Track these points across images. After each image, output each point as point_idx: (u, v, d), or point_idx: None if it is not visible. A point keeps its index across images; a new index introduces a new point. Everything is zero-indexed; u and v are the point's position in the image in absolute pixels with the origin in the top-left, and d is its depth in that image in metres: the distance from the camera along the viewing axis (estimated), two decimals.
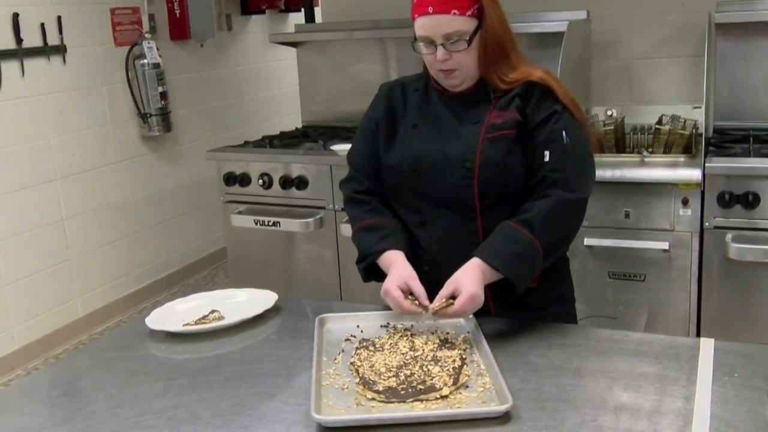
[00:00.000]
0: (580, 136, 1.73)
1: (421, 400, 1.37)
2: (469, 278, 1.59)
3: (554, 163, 1.69)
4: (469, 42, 1.68)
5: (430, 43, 1.70)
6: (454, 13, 1.66)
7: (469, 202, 1.73)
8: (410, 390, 1.41)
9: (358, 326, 1.70)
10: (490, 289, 1.66)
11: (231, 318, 1.80)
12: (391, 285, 1.65)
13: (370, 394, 1.40)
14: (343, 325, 1.72)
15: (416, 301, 1.63)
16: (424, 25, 1.69)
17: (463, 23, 1.67)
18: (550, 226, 1.66)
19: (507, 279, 1.63)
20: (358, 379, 1.46)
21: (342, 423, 1.33)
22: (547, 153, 1.70)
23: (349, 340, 1.65)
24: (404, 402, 1.37)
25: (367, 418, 1.33)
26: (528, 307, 1.74)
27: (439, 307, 1.59)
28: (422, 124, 1.80)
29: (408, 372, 1.47)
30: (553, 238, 1.68)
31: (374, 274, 1.80)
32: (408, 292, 1.65)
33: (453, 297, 1.60)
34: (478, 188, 1.71)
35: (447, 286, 1.61)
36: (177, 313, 1.85)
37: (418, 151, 1.77)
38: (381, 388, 1.41)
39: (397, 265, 1.71)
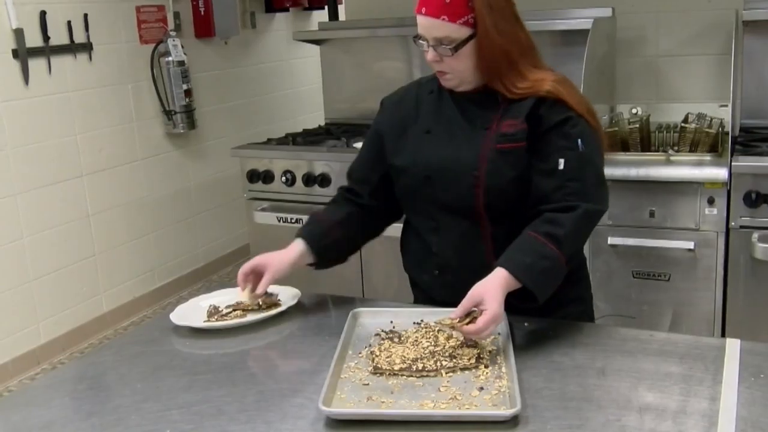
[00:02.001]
0: (597, 146, 1.71)
1: (432, 400, 1.38)
2: (494, 295, 1.52)
3: (571, 172, 1.65)
4: (455, 50, 1.65)
5: (426, 41, 1.69)
6: (444, 19, 1.63)
7: (477, 210, 1.71)
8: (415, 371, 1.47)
9: (391, 322, 1.70)
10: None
11: (254, 314, 1.81)
12: (248, 264, 1.82)
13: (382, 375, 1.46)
14: (377, 320, 1.72)
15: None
16: (420, 24, 1.69)
17: (453, 30, 1.64)
18: (575, 241, 1.66)
19: (526, 290, 1.58)
20: (371, 368, 1.49)
21: (346, 416, 1.33)
22: (561, 161, 1.65)
23: (379, 335, 1.64)
24: (412, 376, 1.45)
25: (372, 413, 1.34)
26: (545, 308, 1.65)
27: (460, 324, 1.53)
28: (435, 129, 1.79)
29: (420, 366, 1.48)
30: (573, 250, 1.66)
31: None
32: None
33: (473, 310, 1.53)
34: (485, 197, 1.70)
35: (470, 299, 1.53)
36: (201, 309, 1.86)
37: (430, 158, 1.76)
38: (389, 374, 1.46)
39: (279, 253, 1.85)
